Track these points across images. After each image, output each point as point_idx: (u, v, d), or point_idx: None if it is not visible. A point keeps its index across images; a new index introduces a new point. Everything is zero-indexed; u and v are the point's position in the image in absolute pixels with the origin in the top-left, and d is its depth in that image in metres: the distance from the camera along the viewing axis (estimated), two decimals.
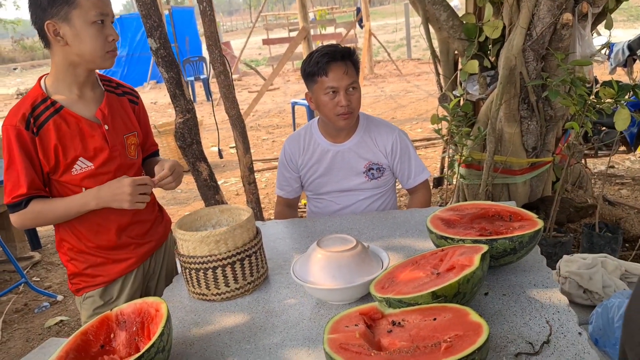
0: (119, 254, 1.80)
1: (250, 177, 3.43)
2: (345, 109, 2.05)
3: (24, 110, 1.60)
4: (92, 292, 1.79)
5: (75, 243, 1.75)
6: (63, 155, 1.63)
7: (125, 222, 1.79)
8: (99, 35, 1.59)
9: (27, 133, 1.59)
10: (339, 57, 2.04)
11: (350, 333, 1.14)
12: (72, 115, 1.66)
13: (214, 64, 3.18)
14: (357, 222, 2.05)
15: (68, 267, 1.79)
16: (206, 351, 1.37)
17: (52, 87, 1.67)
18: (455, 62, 3.74)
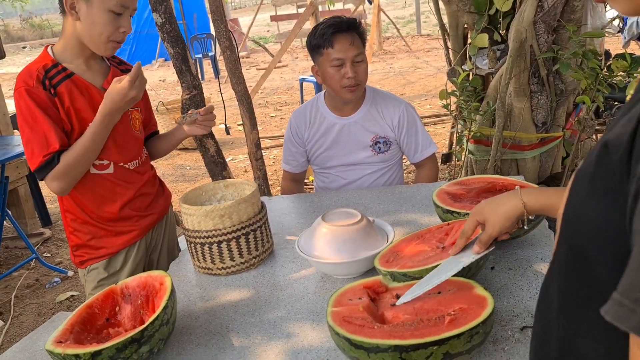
0: (122, 226, 1.80)
1: (257, 153, 3.42)
2: (352, 81, 2.02)
3: (36, 73, 1.59)
4: (95, 264, 1.80)
5: (79, 214, 1.75)
6: (77, 119, 1.64)
7: (129, 195, 1.79)
8: (112, 24, 1.59)
9: (45, 93, 1.58)
10: (345, 28, 2.01)
11: (353, 306, 1.13)
12: (83, 81, 1.67)
13: (220, 40, 3.15)
14: (364, 197, 2.04)
15: (71, 239, 1.80)
16: (211, 324, 1.38)
17: (60, 55, 1.66)
18: (464, 36, 3.68)
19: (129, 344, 1.13)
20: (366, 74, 2.09)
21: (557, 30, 2.86)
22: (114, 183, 1.74)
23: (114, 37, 1.61)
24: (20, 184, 4.24)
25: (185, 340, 1.32)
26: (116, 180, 1.75)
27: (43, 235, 4.35)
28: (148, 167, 1.91)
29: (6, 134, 4.34)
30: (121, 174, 1.76)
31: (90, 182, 1.71)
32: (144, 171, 1.87)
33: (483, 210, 1.17)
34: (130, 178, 1.80)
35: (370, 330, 1.05)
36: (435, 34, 14.08)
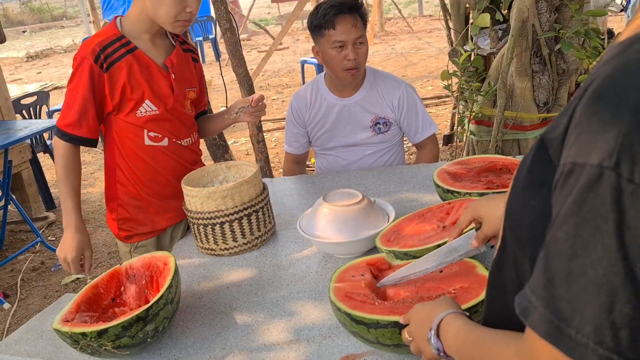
0: (168, 203, 1.83)
1: (259, 135, 3.42)
2: (353, 63, 2.02)
3: (94, 46, 1.63)
4: (144, 241, 1.85)
5: (131, 187, 1.79)
6: (131, 94, 1.67)
7: (180, 170, 1.81)
8: (179, 4, 1.60)
9: (95, 67, 1.62)
10: (347, 10, 2.00)
11: (356, 282, 1.15)
12: (145, 57, 1.69)
13: (220, 21, 3.14)
14: (365, 177, 2.04)
15: (118, 211, 1.83)
16: (215, 303, 1.40)
17: (128, 28, 1.69)
18: (466, 16, 3.65)
19: (135, 322, 1.15)
20: (366, 57, 2.08)
21: (559, 9, 2.84)
22: (168, 156, 1.78)
23: (181, 17, 1.62)
24: (24, 168, 4.26)
25: (190, 319, 1.35)
26: (169, 154, 1.78)
27: (47, 219, 4.38)
28: (198, 146, 1.94)
29: (8, 118, 4.34)
30: (175, 148, 1.79)
31: (145, 154, 1.74)
32: (196, 149, 1.91)
33: (480, 209, 1.07)
34: (183, 154, 1.82)
35: (371, 306, 1.06)
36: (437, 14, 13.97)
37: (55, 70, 12.50)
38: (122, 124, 1.71)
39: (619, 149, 0.47)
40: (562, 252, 0.51)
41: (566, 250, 0.50)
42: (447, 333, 0.80)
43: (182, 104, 1.80)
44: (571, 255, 0.50)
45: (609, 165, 0.47)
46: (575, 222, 0.50)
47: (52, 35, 19.63)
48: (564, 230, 0.51)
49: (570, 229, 0.50)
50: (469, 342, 0.75)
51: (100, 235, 4.10)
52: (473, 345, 0.74)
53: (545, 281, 0.52)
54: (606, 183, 0.47)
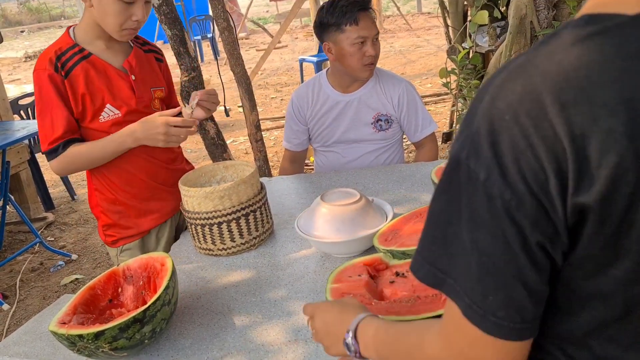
0: (149, 205, 1.82)
1: (257, 134, 3.42)
2: (372, 59, 2.06)
3: (50, 56, 1.62)
4: (129, 244, 1.83)
5: (107, 193, 1.77)
6: (91, 101, 1.65)
7: (155, 170, 1.81)
8: (122, 14, 1.58)
9: (56, 75, 1.61)
10: (367, 6, 2.05)
11: (353, 283, 1.14)
12: (101, 62, 1.68)
13: (217, 20, 3.13)
14: (363, 176, 2.04)
15: (101, 219, 1.82)
16: (212, 304, 1.40)
17: (81, 37, 1.68)
18: (464, 13, 3.65)
19: (132, 324, 1.14)
20: (379, 53, 2.13)
21: (557, 5, 2.83)
22: (139, 157, 1.75)
23: (127, 25, 1.61)
24: (22, 169, 4.26)
25: (187, 320, 1.34)
26: (142, 155, 1.75)
27: (46, 219, 4.38)
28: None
29: (6, 119, 4.33)
30: (145, 148, 1.75)
31: (117, 158, 1.73)
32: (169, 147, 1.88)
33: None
34: (154, 152, 1.79)
35: (368, 306, 1.06)
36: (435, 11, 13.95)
37: None
38: (88, 131, 1.69)
39: (468, 146, 0.57)
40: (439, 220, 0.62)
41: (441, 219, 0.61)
42: (364, 334, 0.83)
43: (148, 104, 1.78)
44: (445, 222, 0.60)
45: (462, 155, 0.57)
46: (446, 198, 0.60)
47: (51, 35, 19.60)
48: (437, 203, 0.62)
49: (442, 203, 0.61)
50: (390, 338, 0.78)
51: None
52: (395, 339, 0.77)
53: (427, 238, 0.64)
54: (462, 170, 0.57)
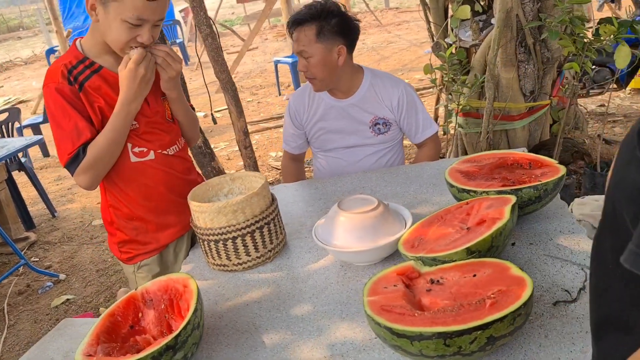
0: (167, 219, 1.77)
1: (246, 141, 3.37)
2: (307, 74, 2.07)
3: (61, 69, 1.56)
4: (147, 259, 1.78)
5: (124, 208, 1.72)
6: (109, 113, 1.59)
7: (173, 181, 1.76)
8: (127, 34, 1.52)
9: (71, 88, 1.55)
10: (291, 24, 2.04)
11: (390, 294, 1.12)
12: (112, 75, 1.61)
13: (200, 27, 3.07)
14: (368, 180, 2.02)
15: (116, 235, 1.77)
16: (237, 323, 1.36)
17: (89, 50, 1.62)
18: (445, 8, 3.65)
19: (164, 352, 1.10)
20: (318, 68, 2.03)
21: None
22: (157, 169, 1.71)
23: (130, 44, 1.55)
24: (0, 189, 4.12)
25: (214, 342, 1.30)
26: (158, 167, 1.71)
27: (29, 239, 4.25)
28: (187, 153, 1.88)
29: None
30: (162, 160, 1.72)
31: (133, 171, 1.68)
32: (184, 156, 1.84)
33: None
34: (172, 164, 1.75)
35: (411, 318, 1.03)
36: (403, 6, 14.04)
37: (18, 84, 12.18)
38: None
39: None
40: None
41: None
42: None
43: (163, 115, 1.74)
44: None
45: None
46: None
47: (10, 47, 19.11)
48: None
49: None
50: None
51: (86, 252, 4.00)
52: None
53: None
54: None
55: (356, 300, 1.35)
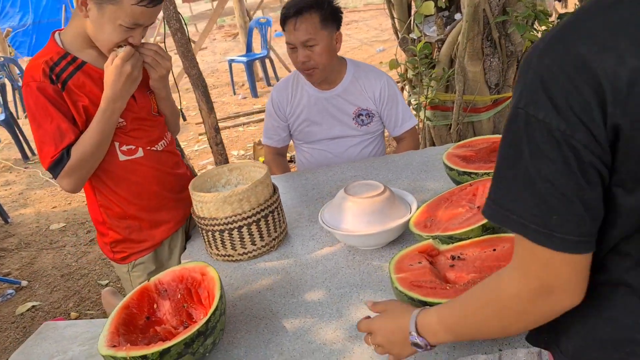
0: (160, 215, 1.73)
1: (217, 137, 3.33)
2: (305, 65, 2.04)
3: (42, 67, 1.48)
4: (142, 258, 1.73)
5: (115, 208, 1.66)
6: (94, 111, 1.53)
7: (164, 177, 1.72)
8: (120, 35, 1.48)
9: (53, 87, 1.48)
10: (292, 13, 2.00)
11: (417, 270, 1.15)
12: (96, 70, 1.56)
13: (169, 22, 3.01)
14: (358, 169, 2.05)
15: (108, 235, 1.70)
16: (252, 310, 1.35)
17: (70, 44, 1.55)
18: (409, 4, 3.73)
19: (196, 338, 1.09)
20: (323, 57, 2.03)
21: None
22: (147, 166, 1.67)
23: (121, 43, 1.51)
24: None
25: (232, 329, 1.29)
26: (148, 163, 1.67)
27: None
28: (174, 147, 1.83)
29: None
30: (151, 156, 1.68)
31: (123, 171, 1.63)
32: (173, 150, 1.80)
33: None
34: (161, 159, 1.72)
35: (443, 291, 1.07)
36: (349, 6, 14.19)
37: None
38: None
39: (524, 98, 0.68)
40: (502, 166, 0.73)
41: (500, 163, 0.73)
42: (428, 326, 0.90)
43: (149, 110, 1.70)
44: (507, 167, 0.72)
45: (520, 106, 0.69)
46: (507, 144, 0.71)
47: None
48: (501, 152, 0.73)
49: (505, 150, 0.72)
50: (458, 309, 0.87)
51: (46, 258, 3.84)
52: (465, 305, 0.85)
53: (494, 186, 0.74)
54: (520, 117, 0.69)
55: (370, 282, 1.38)
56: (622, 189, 0.68)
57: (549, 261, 0.71)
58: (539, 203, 0.68)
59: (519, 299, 0.75)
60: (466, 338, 1.00)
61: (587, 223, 0.68)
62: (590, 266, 0.73)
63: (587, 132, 0.65)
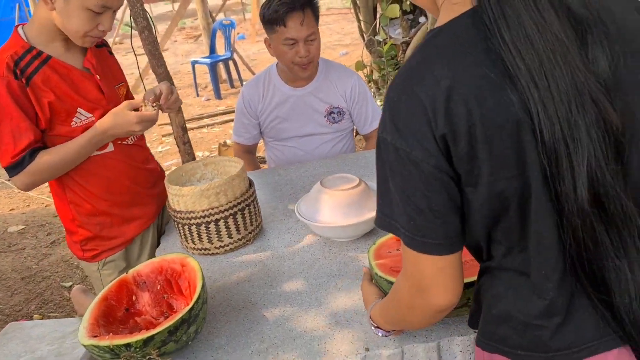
0: (131, 211, 1.71)
1: (185, 137, 3.31)
2: (305, 60, 2.04)
3: (6, 61, 1.44)
4: (112, 255, 1.70)
5: (85, 205, 1.63)
6: (60, 107, 1.51)
7: (134, 171, 1.71)
8: (90, 22, 1.47)
9: (17, 82, 1.44)
10: (299, 7, 1.99)
11: (395, 257, 1.19)
12: (63, 65, 1.53)
13: (137, 19, 2.99)
14: (330, 165, 2.08)
15: (78, 233, 1.67)
16: (231, 300, 1.37)
17: (35, 38, 1.52)
18: (374, 7, 3.81)
19: (180, 325, 1.09)
20: (319, 50, 2.09)
21: None
22: (117, 160, 1.65)
23: (91, 34, 1.50)
24: None
25: (212, 319, 1.30)
26: (118, 158, 1.66)
27: None
28: (144, 142, 1.82)
29: None
30: (122, 150, 1.66)
31: (94, 165, 1.61)
32: (142, 145, 1.79)
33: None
34: (132, 154, 1.71)
35: None
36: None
37: None
38: (57, 139, 1.55)
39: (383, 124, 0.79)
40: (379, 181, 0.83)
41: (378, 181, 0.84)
42: (374, 317, 1.09)
43: (117, 104, 1.66)
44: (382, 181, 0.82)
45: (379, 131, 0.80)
46: (379, 164, 0.82)
47: None
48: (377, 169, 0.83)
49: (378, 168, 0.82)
50: (383, 307, 1.03)
51: (5, 261, 3.73)
52: (385, 304, 1.01)
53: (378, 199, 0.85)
54: (380, 141, 0.80)
55: (347, 271, 1.41)
56: (471, 187, 0.76)
57: (417, 261, 0.81)
58: (402, 212, 0.79)
59: (404, 295, 0.88)
60: (401, 328, 1.10)
61: (439, 227, 0.78)
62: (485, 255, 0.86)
63: (422, 148, 0.74)
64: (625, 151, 0.73)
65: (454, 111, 0.72)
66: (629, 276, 0.74)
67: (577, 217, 0.72)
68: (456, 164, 0.75)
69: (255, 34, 11.38)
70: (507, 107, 0.71)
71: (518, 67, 0.70)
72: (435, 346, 1.13)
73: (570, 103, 0.69)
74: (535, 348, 0.81)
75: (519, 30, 0.70)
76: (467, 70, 0.73)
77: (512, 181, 0.74)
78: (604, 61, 0.72)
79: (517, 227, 0.78)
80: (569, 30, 0.71)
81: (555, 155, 0.71)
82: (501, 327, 0.84)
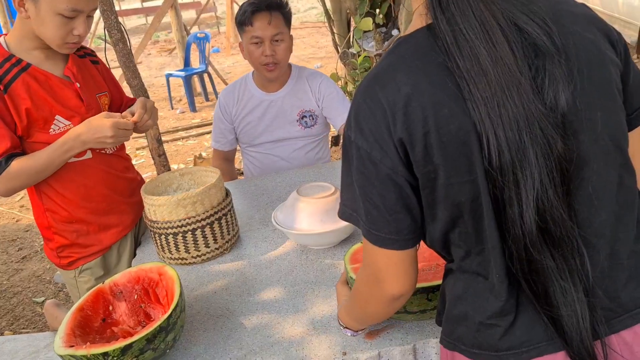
0: (108, 219, 1.70)
1: (160, 149, 3.30)
2: (270, 59, 2.08)
3: None
4: (89, 263, 1.68)
5: (62, 212, 1.62)
6: (38, 114, 1.51)
7: (112, 180, 1.70)
8: (63, 28, 1.47)
9: None
10: (264, 7, 2.06)
11: None
12: (42, 72, 1.53)
13: (111, 31, 2.98)
14: (306, 175, 2.10)
15: (54, 240, 1.65)
16: (210, 309, 1.37)
17: (16, 47, 1.53)
18: (348, 21, 3.87)
19: (158, 333, 1.10)
20: (286, 54, 2.13)
21: None
22: (95, 168, 1.65)
23: (68, 40, 1.50)
24: None
25: (190, 328, 1.30)
26: (97, 165, 1.65)
27: None
28: (124, 151, 1.82)
29: None
30: (101, 158, 1.66)
31: (72, 172, 1.60)
32: (122, 154, 1.79)
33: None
34: (111, 162, 1.70)
35: None
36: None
37: None
38: (35, 145, 1.55)
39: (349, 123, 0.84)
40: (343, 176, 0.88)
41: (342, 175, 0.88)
42: (342, 317, 1.15)
43: (97, 111, 1.67)
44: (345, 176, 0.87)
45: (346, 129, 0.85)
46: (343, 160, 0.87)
47: None
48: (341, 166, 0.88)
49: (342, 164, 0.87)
50: (348, 305, 1.10)
51: None
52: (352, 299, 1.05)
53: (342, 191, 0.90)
54: (345, 139, 0.85)
55: (324, 278, 1.43)
56: (428, 190, 0.80)
57: (372, 253, 0.87)
58: (361, 205, 0.84)
59: (362, 286, 0.95)
60: (364, 323, 1.13)
61: (392, 224, 0.83)
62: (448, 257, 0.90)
63: (380, 150, 0.79)
64: (572, 182, 0.76)
65: (412, 117, 0.76)
66: (575, 297, 0.77)
67: (522, 241, 0.75)
68: (415, 168, 0.79)
69: (229, 47, 11.40)
70: (462, 116, 0.74)
71: (471, 94, 0.73)
72: (411, 349, 1.15)
73: (521, 132, 0.72)
74: (487, 347, 0.83)
75: (473, 61, 0.73)
76: (427, 78, 0.76)
77: (465, 186, 0.77)
78: (562, 95, 0.74)
79: (473, 231, 0.81)
80: (521, 64, 0.74)
81: (502, 183, 0.74)
82: (460, 327, 0.87)
